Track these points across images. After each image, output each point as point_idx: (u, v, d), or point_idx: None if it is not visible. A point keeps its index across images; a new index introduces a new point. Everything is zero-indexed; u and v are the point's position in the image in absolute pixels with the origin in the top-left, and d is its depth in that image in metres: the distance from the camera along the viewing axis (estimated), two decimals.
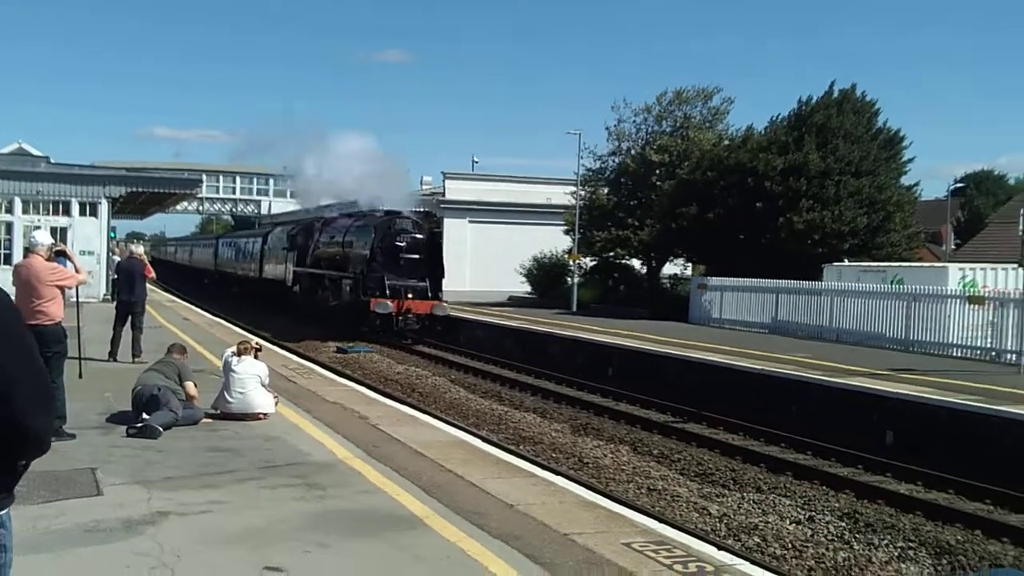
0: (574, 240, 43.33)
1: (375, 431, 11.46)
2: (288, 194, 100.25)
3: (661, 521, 8.60)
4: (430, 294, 30.59)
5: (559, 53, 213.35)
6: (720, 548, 7.70)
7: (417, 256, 30.75)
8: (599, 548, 6.84)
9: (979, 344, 23.18)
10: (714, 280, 34.04)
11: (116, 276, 20.28)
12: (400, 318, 29.62)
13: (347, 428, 11.52)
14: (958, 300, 24.03)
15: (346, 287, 31.87)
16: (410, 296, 29.93)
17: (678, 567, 6.51)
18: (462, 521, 7.45)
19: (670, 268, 45.65)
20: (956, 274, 27.15)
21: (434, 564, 6.47)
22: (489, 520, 7.49)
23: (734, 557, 7.25)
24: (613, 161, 46.03)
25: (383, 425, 11.83)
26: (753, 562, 7.53)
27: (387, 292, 29.52)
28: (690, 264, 44.81)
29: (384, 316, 29.09)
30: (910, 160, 35.96)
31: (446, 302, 30.96)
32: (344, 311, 31.57)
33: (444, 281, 31.71)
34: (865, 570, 9.58)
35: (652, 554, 6.78)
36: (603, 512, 8.09)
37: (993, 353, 22.73)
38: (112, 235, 37.76)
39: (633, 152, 44.77)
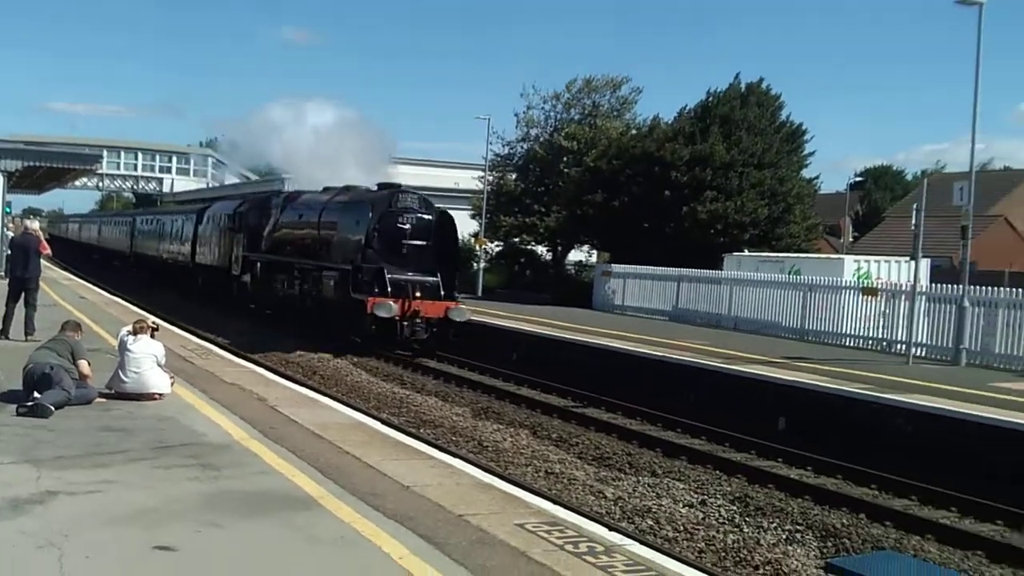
0: (481, 225, 43.48)
1: (273, 413, 11.39)
2: (191, 172, 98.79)
3: (555, 503, 8.71)
4: (443, 292, 24.23)
5: (469, 38, 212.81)
6: (611, 529, 7.85)
7: (425, 243, 24.37)
8: (492, 528, 6.93)
9: (871, 334, 23.84)
10: (617, 267, 34.48)
11: (9, 252, 19.78)
12: (405, 323, 23.40)
13: (244, 409, 11.42)
14: (852, 291, 24.71)
15: (328, 281, 25.14)
16: (418, 295, 23.53)
17: (569, 547, 6.63)
18: (357, 502, 7.47)
19: (575, 255, 46.10)
20: (851, 266, 27.94)
21: (327, 544, 6.48)
22: (385, 501, 7.52)
23: (624, 538, 7.41)
24: (522, 147, 46.32)
25: (281, 407, 11.75)
26: (643, 543, 7.67)
27: (388, 289, 23.18)
28: (595, 251, 45.31)
29: (385, 321, 22.77)
30: (811, 153, 37.01)
31: (463, 303, 25.05)
32: (326, 311, 25.54)
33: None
34: (753, 552, 9.80)
35: (544, 534, 6.89)
36: (499, 494, 8.18)
37: (884, 343, 23.39)
38: (7, 210, 36.78)
39: (542, 139, 45.09)
